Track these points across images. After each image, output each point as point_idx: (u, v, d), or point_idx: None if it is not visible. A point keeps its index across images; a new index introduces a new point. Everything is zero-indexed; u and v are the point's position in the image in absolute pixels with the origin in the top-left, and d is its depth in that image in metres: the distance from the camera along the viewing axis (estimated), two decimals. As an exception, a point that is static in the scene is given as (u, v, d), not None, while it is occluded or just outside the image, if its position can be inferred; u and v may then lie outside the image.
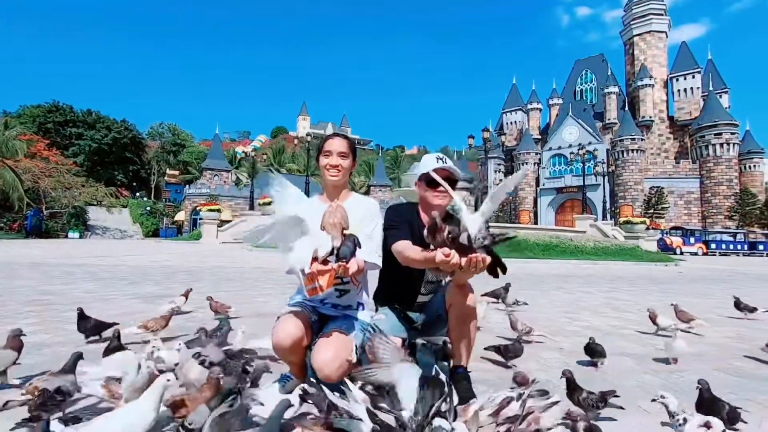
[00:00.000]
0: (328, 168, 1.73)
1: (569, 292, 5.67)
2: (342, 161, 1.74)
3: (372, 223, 1.73)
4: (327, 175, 1.75)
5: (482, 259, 1.33)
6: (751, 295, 5.97)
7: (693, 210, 40.75)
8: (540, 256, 12.26)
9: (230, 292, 4.80)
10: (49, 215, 39.82)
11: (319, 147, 1.82)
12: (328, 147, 1.75)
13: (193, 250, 15.01)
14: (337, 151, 1.74)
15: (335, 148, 1.74)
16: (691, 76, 44.97)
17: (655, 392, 1.81)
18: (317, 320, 1.72)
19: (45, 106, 57.08)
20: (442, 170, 1.74)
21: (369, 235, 1.68)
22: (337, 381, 1.49)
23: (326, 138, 1.81)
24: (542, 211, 46.28)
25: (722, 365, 2.37)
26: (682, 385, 1.95)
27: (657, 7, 47.96)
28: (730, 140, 39.28)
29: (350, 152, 1.77)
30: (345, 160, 1.74)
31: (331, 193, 1.79)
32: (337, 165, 1.73)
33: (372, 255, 1.64)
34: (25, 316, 3.13)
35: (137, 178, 63.87)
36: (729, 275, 10.18)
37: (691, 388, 1.89)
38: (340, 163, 1.73)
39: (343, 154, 1.74)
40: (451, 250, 1.32)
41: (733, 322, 3.77)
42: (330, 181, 1.76)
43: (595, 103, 50.89)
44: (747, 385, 1.99)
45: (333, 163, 1.72)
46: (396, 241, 1.66)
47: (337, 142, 1.76)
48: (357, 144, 10.01)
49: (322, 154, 1.77)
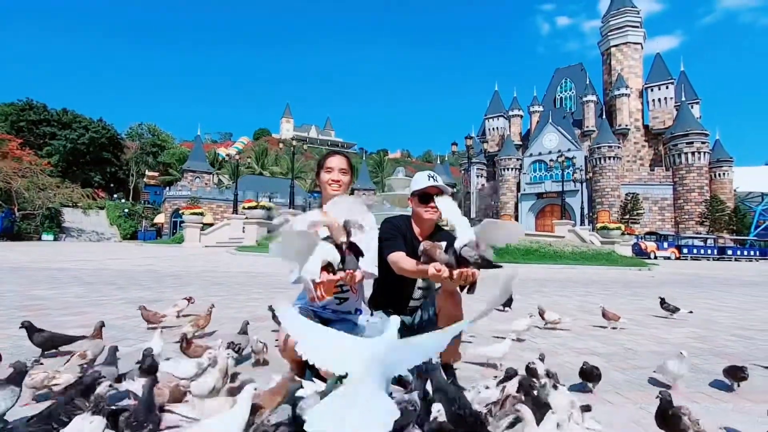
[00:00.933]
0: (330, 183, 1.90)
1: (546, 295, 5.94)
2: (342, 177, 1.91)
3: (369, 235, 1.90)
4: (329, 189, 1.92)
5: (471, 274, 1.51)
6: (714, 298, 6.37)
7: (666, 216, 42.19)
8: (520, 260, 12.61)
9: (220, 296, 4.89)
10: (22, 217, 38.62)
11: (320, 163, 1.99)
12: (329, 164, 1.92)
13: (176, 254, 14.87)
14: (338, 167, 1.91)
15: (336, 164, 1.92)
16: (665, 86, 46.67)
17: (620, 388, 2.05)
18: (319, 324, 1.88)
19: (18, 104, 55.29)
20: (433, 187, 1.93)
21: (366, 247, 1.85)
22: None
23: (327, 155, 1.98)
24: (523, 216, 47.16)
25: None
26: (642, 381, 2.18)
27: (633, 19, 49.64)
28: (701, 149, 40.88)
29: (349, 169, 1.95)
30: (345, 176, 1.92)
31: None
32: (338, 180, 1.90)
33: (369, 265, 1.81)
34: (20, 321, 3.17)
35: (115, 179, 62.37)
36: (697, 279, 10.70)
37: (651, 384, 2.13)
38: (341, 179, 1.91)
39: (344, 171, 1.92)
40: (443, 265, 1.51)
41: (693, 323, 4.07)
42: (332, 195, 1.92)
43: (574, 111, 52.26)
44: (699, 379, 2.24)
45: (335, 178, 1.90)
46: (391, 252, 1.84)
47: (338, 160, 1.93)
48: (341, 147, 10.30)
49: (324, 170, 1.94)
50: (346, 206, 1.78)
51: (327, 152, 2.04)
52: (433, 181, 1.92)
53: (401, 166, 65.96)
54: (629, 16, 49.53)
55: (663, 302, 4.23)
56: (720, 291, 7.55)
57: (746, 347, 3.15)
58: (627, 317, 4.32)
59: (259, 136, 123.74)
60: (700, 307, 5.38)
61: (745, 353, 2.95)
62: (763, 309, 5.35)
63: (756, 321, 4.40)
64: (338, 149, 2.12)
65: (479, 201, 53.13)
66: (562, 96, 54.86)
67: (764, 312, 5.07)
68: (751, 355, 2.90)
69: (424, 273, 1.58)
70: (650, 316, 4.45)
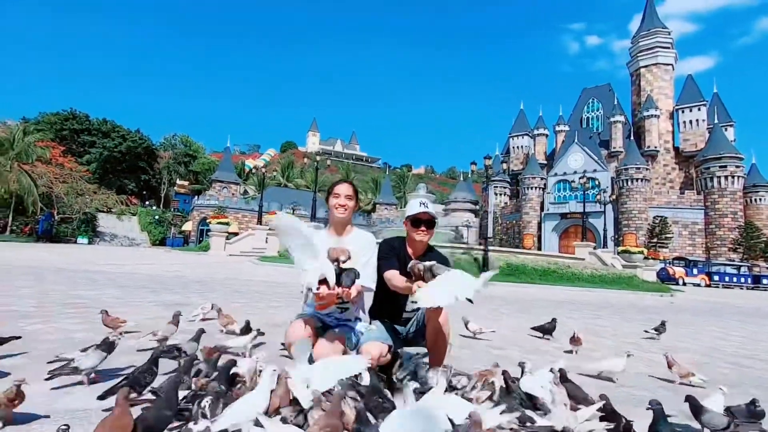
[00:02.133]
0: (337, 207, 2.21)
1: (556, 316, 6.04)
2: (348, 202, 2.21)
3: (368, 253, 2.20)
4: (335, 213, 2.22)
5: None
6: (727, 327, 6.32)
7: (697, 241, 40.76)
8: (537, 281, 12.58)
9: (242, 303, 5.24)
10: (60, 220, 40.73)
11: (329, 189, 2.30)
12: (337, 190, 2.23)
13: (202, 261, 15.50)
14: (344, 194, 2.21)
15: (343, 191, 2.22)
16: (697, 108, 45.55)
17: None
18: (321, 327, 2.19)
19: (62, 114, 58.70)
20: (424, 213, 2.21)
21: (365, 264, 2.15)
22: None
23: (335, 183, 2.28)
24: (546, 236, 46.44)
25: (666, 384, 2.77)
26: (621, 397, 2.35)
27: (663, 40, 48.96)
28: (734, 173, 39.54)
29: (354, 195, 2.25)
30: (350, 201, 2.22)
31: (337, 227, 2.25)
32: (344, 204, 2.20)
33: (367, 280, 2.10)
34: (69, 317, 3.59)
35: (148, 187, 64.97)
36: (720, 308, 10.46)
37: (628, 400, 2.31)
38: (346, 203, 2.21)
39: (349, 197, 2.22)
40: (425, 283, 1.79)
41: (696, 350, 4.15)
42: (337, 218, 2.21)
43: (601, 131, 51.53)
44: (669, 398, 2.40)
45: (341, 203, 2.20)
46: (386, 270, 2.12)
47: (344, 187, 2.24)
48: (365, 161, 10.74)
49: (331, 195, 2.25)
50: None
51: (336, 180, 2.34)
52: (423, 208, 2.20)
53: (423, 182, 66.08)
54: (659, 36, 48.88)
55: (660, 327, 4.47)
56: (737, 321, 7.44)
57: (739, 376, 3.25)
58: (630, 341, 4.44)
59: (285, 148, 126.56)
60: (709, 335, 5.40)
61: (737, 380, 3.06)
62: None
63: (761, 351, 4.42)
64: (346, 180, 2.43)
65: (502, 219, 52.69)
66: (589, 116, 54.24)
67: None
68: (742, 382, 3.02)
69: (409, 289, 1.87)
70: (653, 342, 4.52)
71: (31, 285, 5.60)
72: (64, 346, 2.62)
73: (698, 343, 4.63)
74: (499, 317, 5.60)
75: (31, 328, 3.06)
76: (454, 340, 2.98)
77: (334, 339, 2.06)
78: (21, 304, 4.08)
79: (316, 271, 1.87)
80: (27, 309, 3.82)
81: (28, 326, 3.11)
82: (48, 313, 3.68)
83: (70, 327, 3.16)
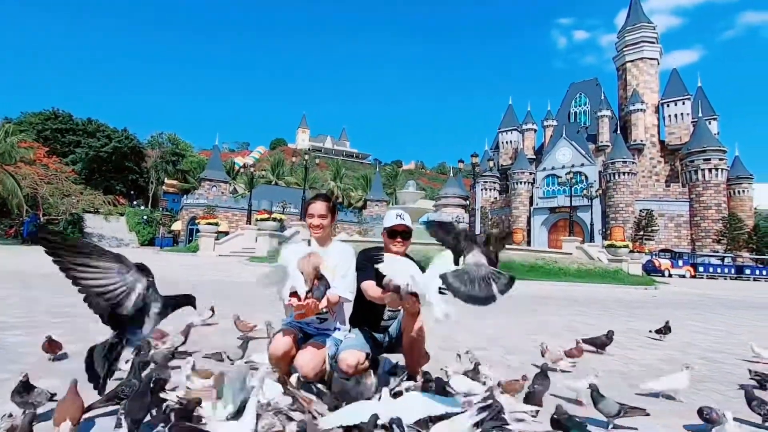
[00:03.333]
0: (311, 227, 2.27)
1: (540, 314, 6.18)
2: (322, 221, 2.27)
3: (346, 265, 2.26)
4: (311, 233, 2.29)
5: (412, 302, 1.88)
6: (706, 320, 6.50)
7: (683, 233, 41.51)
8: (525, 276, 12.75)
9: (228, 309, 5.27)
10: (46, 222, 40.09)
11: (305, 207, 2.36)
12: (311, 210, 2.28)
13: (191, 262, 15.43)
14: (317, 213, 2.26)
15: (317, 211, 2.26)
16: (681, 102, 46.28)
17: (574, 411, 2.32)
18: (302, 337, 2.25)
19: (45, 114, 57.63)
20: (400, 225, 2.28)
21: (344, 275, 2.21)
22: (312, 379, 2.03)
23: (310, 201, 2.32)
24: (535, 231, 46.94)
25: (635, 382, 2.88)
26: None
27: (649, 35, 49.54)
28: (718, 165, 40.29)
29: (329, 212, 2.30)
30: (325, 219, 2.28)
31: (316, 242, 2.32)
32: (318, 225, 2.26)
33: (345, 291, 2.17)
34: (54, 327, 3.60)
35: (135, 186, 64.22)
36: (701, 300, 10.73)
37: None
38: (321, 223, 2.26)
39: (323, 216, 2.27)
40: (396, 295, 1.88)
41: (672, 346, 4.29)
42: (314, 236, 2.30)
43: (588, 126, 52.10)
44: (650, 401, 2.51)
45: (315, 224, 2.26)
46: (363, 280, 2.20)
47: (318, 206, 2.27)
48: (356, 158, 10.89)
49: (306, 215, 2.31)
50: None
51: (312, 197, 2.37)
52: (399, 220, 2.27)
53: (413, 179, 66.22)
54: (645, 31, 49.44)
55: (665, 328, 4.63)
56: (715, 314, 7.65)
57: (710, 370, 3.38)
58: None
59: (275, 145, 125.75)
60: (687, 329, 5.57)
61: (707, 376, 3.19)
62: (749, 333, 5.50)
63: (735, 345, 4.57)
64: (322, 192, 2.50)
65: (492, 214, 53.06)
66: (577, 110, 54.78)
67: (748, 336, 5.21)
68: (711, 378, 3.14)
69: (383, 300, 1.97)
70: (633, 337, 4.67)
71: (18, 293, 5.57)
72: (47, 360, 2.66)
73: (675, 338, 4.76)
74: (484, 316, 5.70)
75: (14, 340, 3.08)
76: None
77: (314, 348, 2.13)
78: (8, 313, 4.08)
79: (287, 285, 1.96)
80: (12, 319, 3.82)
81: (12, 338, 3.13)
82: (34, 323, 3.69)
83: (56, 338, 3.18)
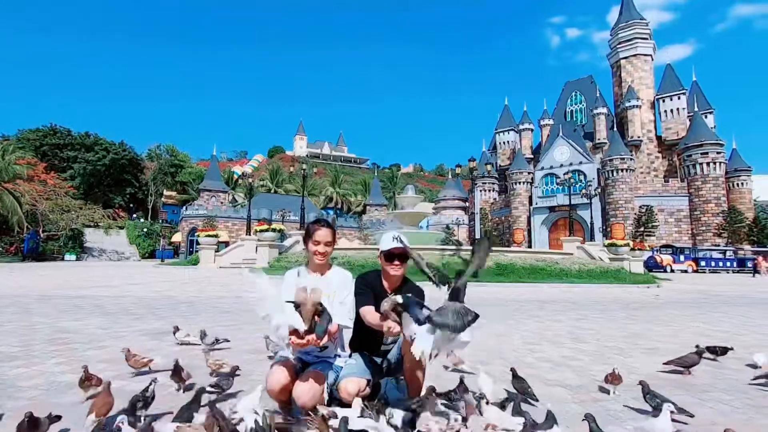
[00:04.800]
0: (316, 254, 2.25)
1: (540, 320, 6.15)
2: (327, 248, 2.26)
3: (345, 291, 2.25)
4: (315, 259, 2.26)
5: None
6: (710, 321, 6.46)
7: (683, 227, 41.47)
8: (526, 279, 12.73)
9: (227, 326, 5.25)
10: (46, 237, 40.11)
11: (309, 231, 2.31)
12: (317, 237, 2.25)
13: (191, 276, 15.39)
14: (324, 240, 2.25)
15: (323, 238, 2.24)
16: (677, 97, 46.40)
17: (572, 420, 2.30)
18: (301, 367, 2.23)
19: (43, 130, 57.74)
20: (396, 248, 2.26)
21: (342, 302, 2.21)
22: (311, 407, 2.00)
23: (315, 228, 2.28)
24: (536, 230, 46.90)
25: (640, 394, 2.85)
26: (601, 413, 2.41)
27: (642, 31, 49.72)
28: (716, 159, 40.30)
29: (333, 239, 2.30)
30: (329, 247, 2.27)
31: (315, 268, 2.30)
32: (323, 252, 2.25)
33: (344, 318, 2.16)
34: (53, 356, 3.58)
35: (135, 199, 64.28)
36: (704, 298, 10.68)
37: (606, 415, 2.38)
38: (326, 250, 2.25)
39: (329, 243, 2.26)
40: (393, 322, 1.88)
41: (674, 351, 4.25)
42: (317, 263, 2.27)
43: (585, 124, 52.19)
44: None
45: (321, 251, 2.24)
46: (361, 306, 2.18)
47: (324, 233, 2.25)
48: (354, 163, 11.04)
49: (311, 240, 2.27)
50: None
51: (315, 222, 2.35)
52: (396, 242, 2.26)
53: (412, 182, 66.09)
54: (638, 28, 49.64)
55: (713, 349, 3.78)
56: (720, 312, 7.61)
57: (714, 377, 3.33)
58: (610, 344, 4.55)
59: (273, 153, 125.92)
60: (691, 331, 5.54)
61: (710, 384, 3.14)
62: (753, 333, 5.45)
63: (740, 347, 4.52)
64: (325, 219, 2.46)
65: (492, 215, 53.05)
66: (573, 109, 54.90)
67: (752, 337, 5.18)
68: (714, 386, 3.09)
69: (381, 327, 1.96)
70: (634, 343, 4.64)
71: (17, 318, 5.55)
72: (47, 393, 2.63)
73: (679, 340, 4.74)
74: (485, 324, 5.67)
75: (14, 372, 3.06)
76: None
77: (313, 378, 2.10)
78: (7, 342, 4.05)
79: (285, 325, 1.93)
80: (11, 349, 3.80)
81: (11, 370, 3.11)
82: (32, 353, 3.66)
83: (54, 369, 3.15)
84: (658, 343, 4.60)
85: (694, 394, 2.84)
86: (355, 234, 48.07)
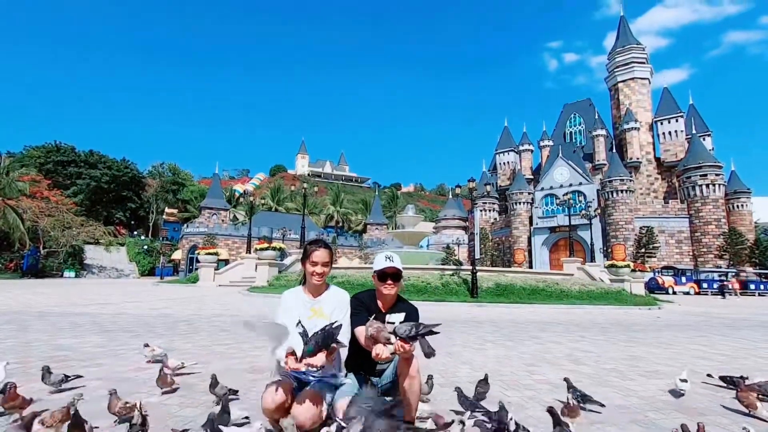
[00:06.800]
0: (314, 274, 2.29)
1: (540, 342, 6.12)
2: (325, 269, 2.30)
3: (342, 311, 2.29)
4: (312, 279, 2.30)
5: (402, 347, 1.93)
6: (710, 343, 6.42)
7: (684, 249, 41.36)
8: (526, 300, 12.65)
9: (226, 345, 5.23)
10: (46, 254, 40.06)
11: (306, 252, 2.35)
12: (314, 258, 2.29)
13: (191, 294, 15.33)
14: (321, 261, 2.29)
15: (320, 259, 2.29)
16: (675, 119, 47.00)
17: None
18: (298, 387, 2.24)
19: (47, 147, 58.42)
20: (390, 267, 2.31)
21: (340, 321, 2.23)
22: (309, 427, 2.01)
23: (312, 249, 2.32)
24: (536, 250, 46.79)
25: (638, 417, 2.84)
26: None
27: (638, 55, 50.73)
28: (715, 181, 40.50)
29: (330, 260, 2.34)
30: (326, 267, 2.31)
31: (312, 289, 2.34)
32: (321, 273, 2.29)
33: (341, 338, 2.19)
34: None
35: (136, 216, 64.48)
36: (705, 321, 10.61)
37: None
38: (324, 271, 2.30)
39: (326, 263, 2.31)
40: (385, 346, 1.93)
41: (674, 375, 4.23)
42: (314, 284, 2.31)
43: (584, 145, 52.70)
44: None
45: (318, 271, 2.28)
46: (356, 326, 2.22)
47: (321, 254, 2.30)
48: (355, 182, 11.22)
49: (308, 261, 2.30)
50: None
51: (312, 242, 2.38)
52: (389, 262, 2.30)
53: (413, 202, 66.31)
54: (634, 52, 50.65)
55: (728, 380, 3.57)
56: (721, 335, 7.56)
57: (710, 401, 3.31)
58: (609, 366, 4.52)
59: (275, 172, 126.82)
60: (690, 354, 5.50)
61: (707, 408, 3.12)
62: (755, 357, 5.42)
63: (739, 371, 4.50)
64: (322, 239, 2.50)
65: (492, 235, 52.99)
66: (572, 130, 55.55)
67: (754, 361, 5.14)
68: (709, 409, 3.07)
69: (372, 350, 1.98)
70: (634, 366, 4.61)
71: (14, 336, 5.54)
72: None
73: (678, 363, 4.71)
74: (484, 346, 5.65)
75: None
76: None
77: (310, 399, 2.11)
78: (4, 360, 4.03)
79: (284, 346, 1.97)
80: (7, 367, 3.78)
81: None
82: (27, 372, 3.66)
83: (50, 387, 3.15)
84: (658, 366, 4.57)
85: (692, 416, 2.83)
86: (356, 253, 48.00)
